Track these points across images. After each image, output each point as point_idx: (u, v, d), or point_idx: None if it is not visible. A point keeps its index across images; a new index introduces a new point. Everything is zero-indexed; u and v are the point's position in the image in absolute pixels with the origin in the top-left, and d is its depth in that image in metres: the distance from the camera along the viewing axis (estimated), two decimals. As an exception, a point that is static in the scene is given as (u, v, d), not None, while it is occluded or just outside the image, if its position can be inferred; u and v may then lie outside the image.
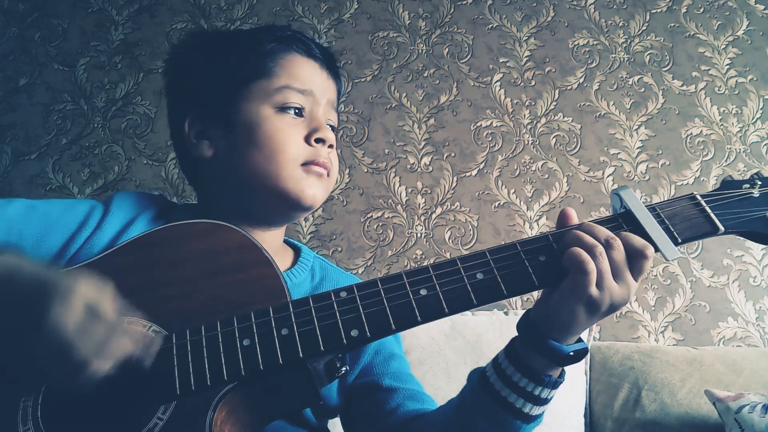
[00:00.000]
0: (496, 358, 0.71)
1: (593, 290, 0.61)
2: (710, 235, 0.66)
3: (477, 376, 0.72)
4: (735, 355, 1.52)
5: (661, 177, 1.97)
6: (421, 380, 1.40)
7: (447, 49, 2.13)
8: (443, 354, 1.48)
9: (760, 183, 0.69)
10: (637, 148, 2.00)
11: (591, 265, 0.61)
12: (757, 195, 0.67)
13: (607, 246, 0.62)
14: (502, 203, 1.93)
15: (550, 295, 0.65)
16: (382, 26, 2.15)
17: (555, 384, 0.67)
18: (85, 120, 2.04)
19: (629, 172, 1.97)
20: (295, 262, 0.91)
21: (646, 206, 0.66)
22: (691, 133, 2.02)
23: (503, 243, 0.66)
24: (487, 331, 1.51)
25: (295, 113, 0.84)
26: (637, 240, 0.63)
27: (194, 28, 2.16)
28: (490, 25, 2.16)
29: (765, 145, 2.01)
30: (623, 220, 0.66)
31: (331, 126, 0.89)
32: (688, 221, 0.66)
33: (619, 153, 2.00)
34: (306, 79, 0.86)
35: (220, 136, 0.85)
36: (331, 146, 0.87)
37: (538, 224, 1.90)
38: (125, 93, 2.07)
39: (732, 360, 1.48)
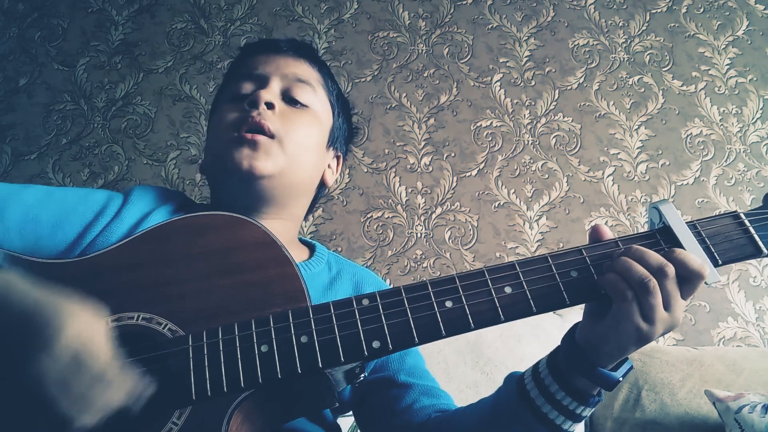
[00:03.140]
0: (536, 369, 0.68)
1: (643, 324, 0.59)
2: (753, 258, 0.62)
3: (515, 386, 0.69)
4: (735, 355, 1.52)
5: (661, 177, 1.97)
6: (421, 380, 1.41)
7: (447, 49, 2.13)
8: (443, 354, 1.48)
9: None
10: (637, 148, 2.00)
11: (635, 304, 0.58)
12: None
13: (660, 274, 0.58)
14: (502, 203, 1.93)
15: (596, 324, 0.62)
16: (382, 26, 2.15)
17: (595, 403, 0.66)
18: (85, 120, 2.04)
19: (629, 172, 1.97)
20: (311, 256, 0.93)
21: (686, 223, 0.62)
22: (691, 133, 2.02)
23: (534, 255, 0.63)
24: (487, 330, 1.51)
25: (245, 98, 0.87)
26: (694, 261, 0.59)
27: (194, 28, 2.16)
28: (490, 25, 2.16)
29: (765, 145, 2.01)
30: (661, 237, 0.63)
31: (291, 97, 0.89)
32: (730, 242, 0.61)
33: (619, 153, 2.00)
34: (258, 65, 0.91)
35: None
36: (270, 106, 0.84)
37: (538, 224, 1.90)
38: (125, 93, 2.07)
39: (732, 360, 1.48)
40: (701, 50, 2.13)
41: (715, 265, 0.61)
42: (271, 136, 0.83)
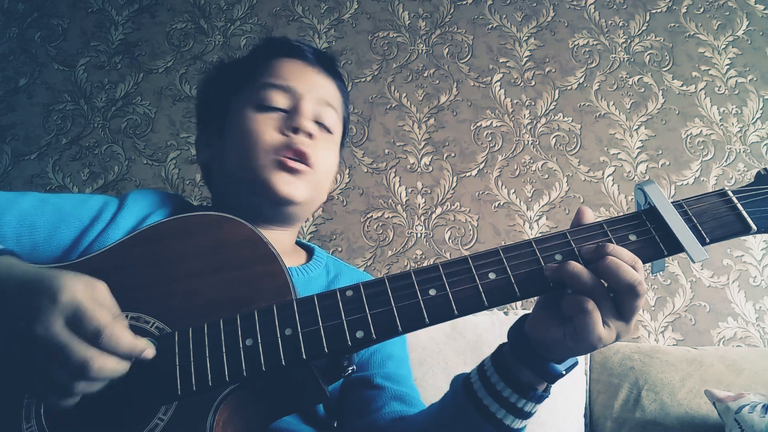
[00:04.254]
0: (482, 364, 0.68)
1: (600, 331, 0.57)
2: (741, 235, 0.61)
3: (461, 382, 0.69)
4: (735, 355, 1.52)
5: (661, 177, 1.97)
6: (421, 380, 1.41)
7: (447, 49, 2.13)
8: (443, 354, 1.48)
9: None
10: (637, 148, 2.00)
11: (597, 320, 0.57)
12: None
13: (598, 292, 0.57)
14: (502, 203, 1.93)
15: (553, 328, 0.60)
16: (382, 26, 2.15)
17: (540, 398, 0.65)
18: (85, 120, 2.04)
19: (629, 172, 1.97)
20: (309, 260, 0.93)
21: (672, 203, 0.62)
22: (691, 133, 2.02)
23: (519, 241, 0.63)
24: (487, 331, 1.51)
25: (277, 110, 0.86)
26: (626, 273, 0.57)
27: (194, 28, 2.16)
28: (490, 25, 2.16)
29: (765, 145, 2.01)
30: (647, 218, 0.62)
31: (321, 123, 0.89)
32: (718, 219, 0.61)
33: (619, 153, 2.00)
34: (288, 76, 0.89)
35: (215, 141, 0.92)
36: (310, 135, 0.85)
37: (538, 224, 1.90)
38: (125, 93, 2.07)
39: (732, 360, 1.48)
40: (701, 50, 2.13)
41: (703, 243, 0.60)
42: (309, 166, 0.84)
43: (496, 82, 2.08)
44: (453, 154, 1.99)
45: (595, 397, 1.52)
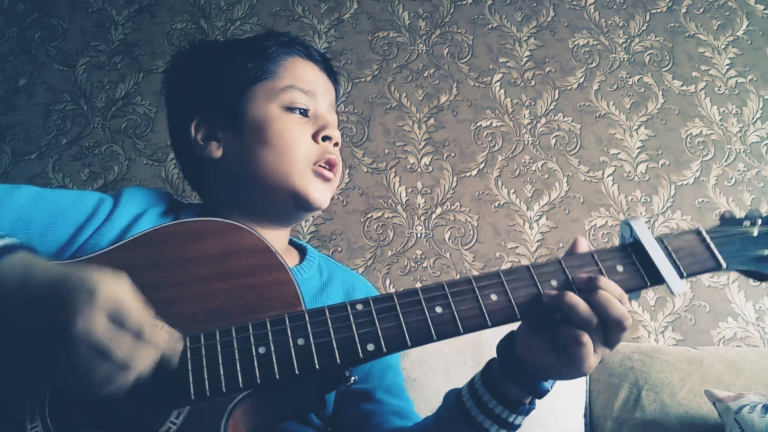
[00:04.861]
0: (472, 381, 0.72)
1: (591, 360, 0.62)
2: (714, 271, 0.67)
3: (453, 398, 0.73)
4: (735, 355, 1.52)
5: (661, 177, 1.97)
6: (421, 380, 1.41)
7: (447, 49, 2.13)
8: (443, 354, 1.48)
9: (760, 222, 0.69)
10: (637, 148, 2.00)
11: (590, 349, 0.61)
12: (756, 234, 0.67)
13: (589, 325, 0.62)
14: (502, 203, 1.93)
15: (549, 357, 0.64)
16: (382, 26, 2.15)
17: (528, 411, 0.69)
18: (85, 120, 2.04)
19: (629, 172, 1.97)
20: (302, 260, 0.93)
21: (654, 238, 0.67)
22: (691, 133, 2.02)
23: (517, 265, 0.66)
24: (487, 331, 1.51)
25: (301, 113, 0.87)
26: (616, 308, 0.62)
27: (194, 28, 2.16)
28: (490, 25, 2.16)
29: (765, 145, 2.01)
30: (633, 251, 0.67)
31: None
32: (694, 256, 0.66)
33: (619, 153, 2.00)
34: (309, 81, 0.89)
35: (228, 137, 0.87)
36: (336, 144, 0.89)
37: (538, 224, 1.90)
38: (125, 93, 2.07)
39: (732, 360, 1.48)
40: (701, 50, 2.13)
41: (681, 276, 0.65)
42: (335, 174, 0.88)
43: (496, 82, 2.08)
44: (453, 154, 1.99)
45: (595, 397, 1.52)
